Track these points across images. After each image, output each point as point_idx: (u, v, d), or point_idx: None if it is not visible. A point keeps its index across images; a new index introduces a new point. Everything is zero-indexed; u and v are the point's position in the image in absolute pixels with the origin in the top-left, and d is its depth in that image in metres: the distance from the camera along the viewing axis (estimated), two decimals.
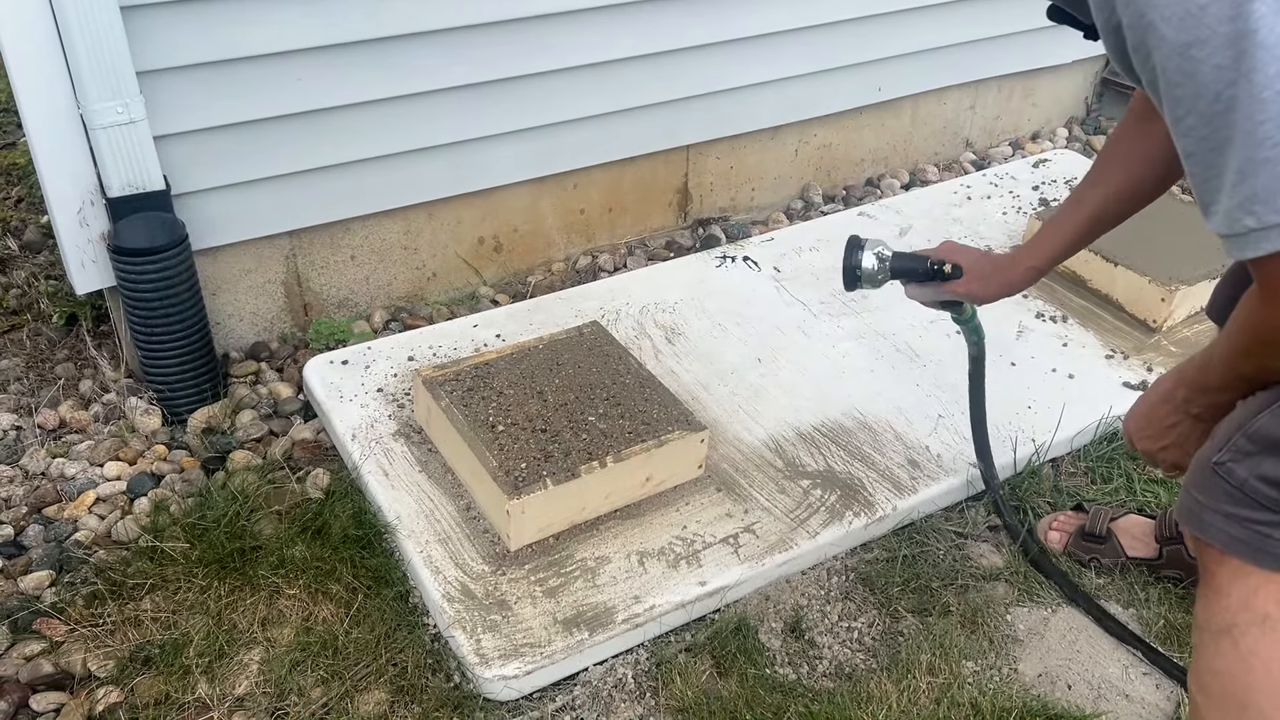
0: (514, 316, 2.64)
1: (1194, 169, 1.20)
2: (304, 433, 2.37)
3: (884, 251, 1.95)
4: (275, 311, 2.65)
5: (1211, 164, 1.15)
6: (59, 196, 2.19)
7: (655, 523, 2.08)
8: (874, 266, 1.94)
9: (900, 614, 2.02)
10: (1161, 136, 1.66)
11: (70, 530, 2.09)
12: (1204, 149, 1.16)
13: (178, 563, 1.97)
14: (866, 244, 1.95)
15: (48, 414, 2.35)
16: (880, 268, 1.94)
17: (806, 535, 2.08)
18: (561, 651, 1.83)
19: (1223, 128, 1.12)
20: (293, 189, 2.49)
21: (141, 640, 1.86)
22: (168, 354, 2.33)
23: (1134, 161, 1.71)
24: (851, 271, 1.96)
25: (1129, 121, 1.74)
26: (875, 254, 1.94)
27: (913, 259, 1.95)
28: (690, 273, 2.86)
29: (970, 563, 2.13)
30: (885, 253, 1.95)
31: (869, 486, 2.20)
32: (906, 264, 1.95)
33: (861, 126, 3.43)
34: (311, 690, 1.80)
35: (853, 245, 1.96)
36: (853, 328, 2.67)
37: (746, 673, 1.86)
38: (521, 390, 2.20)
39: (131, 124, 2.14)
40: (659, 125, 2.94)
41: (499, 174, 2.77)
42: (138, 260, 2.22)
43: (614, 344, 2.37)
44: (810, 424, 2.35)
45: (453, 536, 2.02)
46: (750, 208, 3.34)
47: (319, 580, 1.96)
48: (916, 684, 1.86)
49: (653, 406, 2.18)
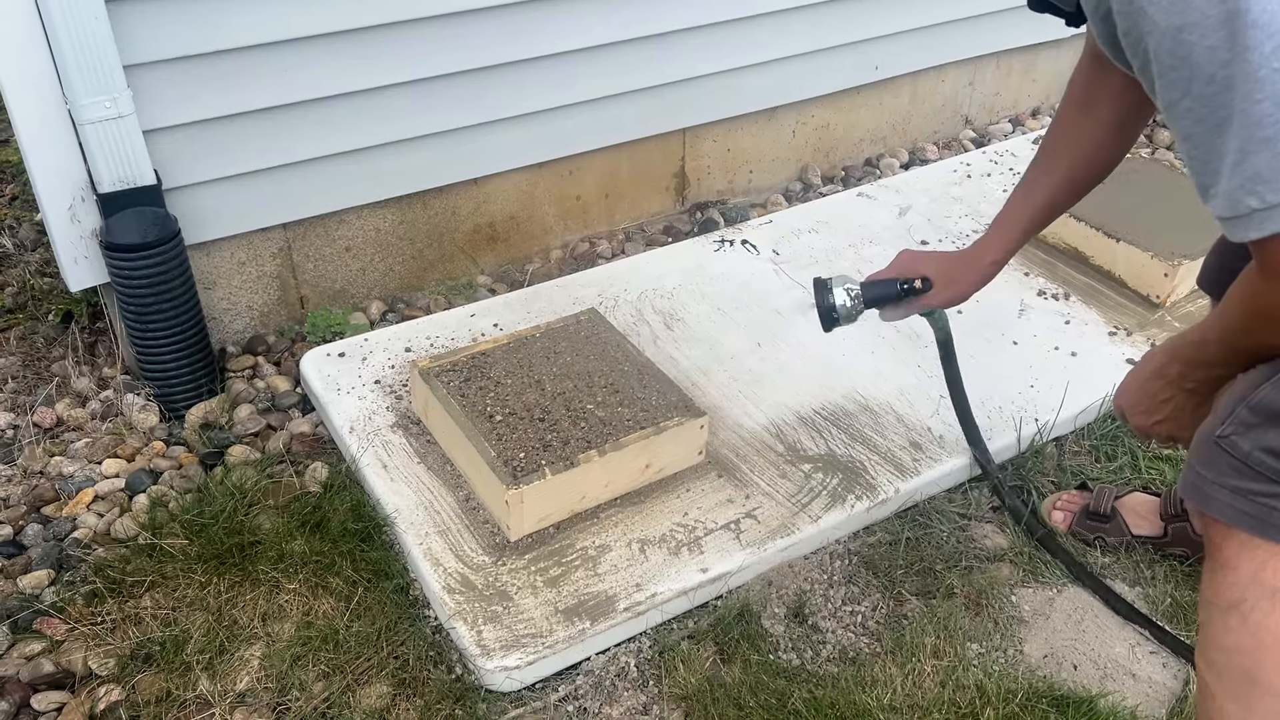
0: (511, 305, 2.63)
1: (1192, 151, 1.19)
2: (302, 426, 2.35)
3: (852, 287, 1.95)
4: (271, 305, 2.64)
5: (1210, 146, 1.15)
6: (49, 193, 2.18)
7: (656, 510, 2.07)
8: (847, 303, 1.94)
9: (904, 597, 2.01)
10: (1106, 121, 1.67)
11: (69, 529, 2.08)
12: (1202, 131, 1.15)
13: (177, 559, 1.96)
14: (833, 282, 1.95)
15: (44, 412, 2.34)
16: (854, 304, 1.95)
17: (808, 519, 2.06)
18: (563, 641, 1.82)
19: (1220, 109, 1.11)
20: (285, 181, 2.47)
21: (142, 638, 1.85)
22: (163, 350, 2.32)
23: (1079, 148, 1.72)
24: (828, 313, 1.95)
25: (1070, 110, 1.74)
26: (844, 290, 1.95)
27: (882, 285, 1.95)
28: (688, 257, 2.83)
29: (974, 544, 2.12)
30: (853, 288, 1.95)
31: (871, 469, 2.18)
32: (877, 291, 1.95)
33: (859, 106, 3.40)
34: (313, 684, 1.79)
35: (820, 287, 1.96)
36: None
37: (750, 659, 1.85)
38: (519, 379, 2.18)
39: (120, 118, 2.12)
40: (654, 109, 2.91)
41: (493, 162, 2.74)
42: (130, 256, 2.21)
43: (612, 331, 2.35)
44: (811, 407, 2.34)
45: (452, 528, 2.01)
46: (748, 190, 3.31)
47: (319, 574, 1.95)
48: (921, 667, 1.85)
49: (651, 393, 2.17)
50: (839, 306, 1.94)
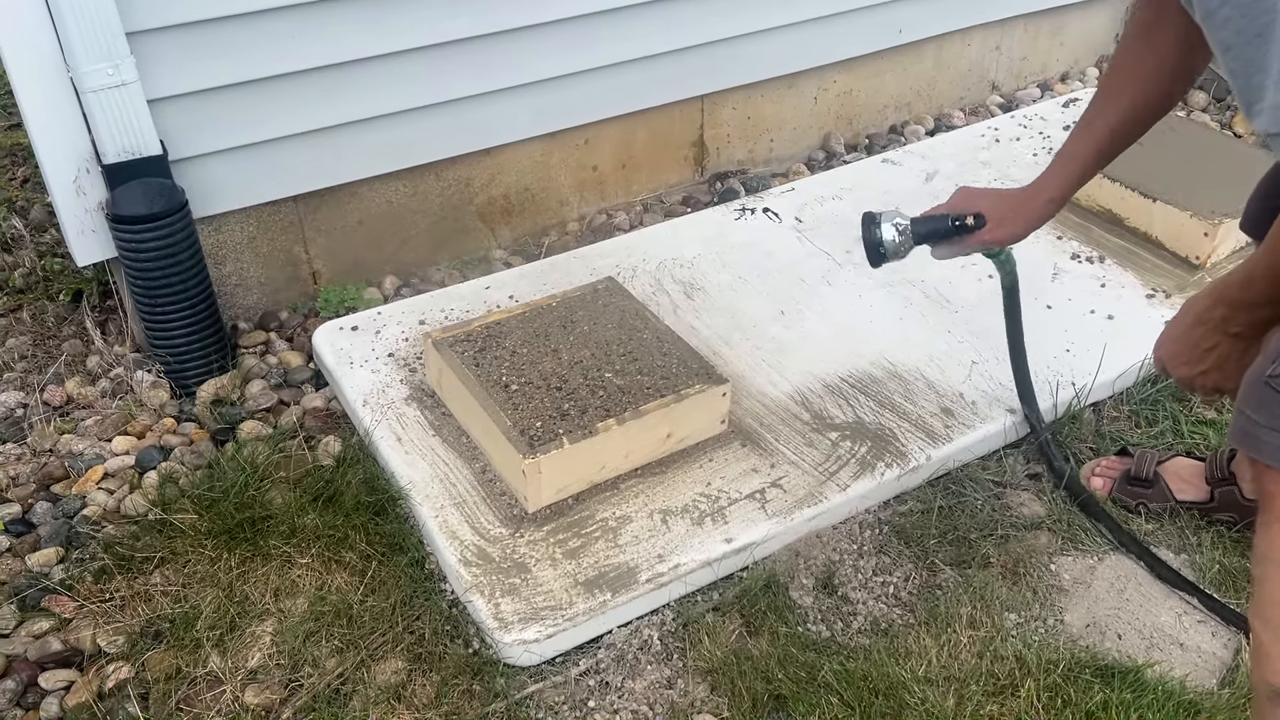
0: (527, 277, 2.56)
1: (1234, 65, 1.14)
2: (315, 401, 2.30)
3: (901, 221, 1.87)
4: (283, 280, 2.58)
5: (1252, 57, 1.10)
6: (54, 165, 2.13)
7: (678, 480, 2.00)
8: (895, 238, 1.86)
9: (938, 567, 1.93)
10: (1168, 48, 1.59)
11: (79, 506, 2.03)
12: (1241, 42, 1.10)
13: (187, 535, 1.91)
14: (882, 216, 1.88)
15: (54, 390, 2.30)
16: (902, 238, 1.87)
17: (836, 488, 1.99)
18: (584, 614, 1.75)
19: (1261, 14, 1.07)
20: (295, 152, 2.41)
21: (152, 615, 1.81)
22: (173, 325, 2.27)
23: (1141, 77, 1.63)
24: (874, 248, 1.88)
25: (1132, 38, 1.66)
26: (894, 225, 1.87)
27: (933, 220, 1.86)
28: (709, 226, 2.76)
29: (1010, 512, 2.04)
30: (903, 221, 1.87)
31: (901, 436, 2.10)
32: (928, 226, 1.86)
33: (883, 71, 3.30)
34: (326, 660, 1.73)
35: (869, 221, 1.88)
36: (880, 276, 2.54)
37: (778, 631, 1.78)
38: (535, 348, 2.12)
39: (123, 86, 2.07)
40: (671, 75, 2.83)
41: (506, 131, 2.68)
42: (137, 228, 2.16)
43: (630, 299, 2.28)
44: (838, 375, 2.26)
45: (469, 500, 1.95)
46: (769, 159, 3.23)
47: (332, 549, 1.90)
48: (957, 638, 1.78)
49: (672, 361, 2.10)
50: (886, 241, 1.86)
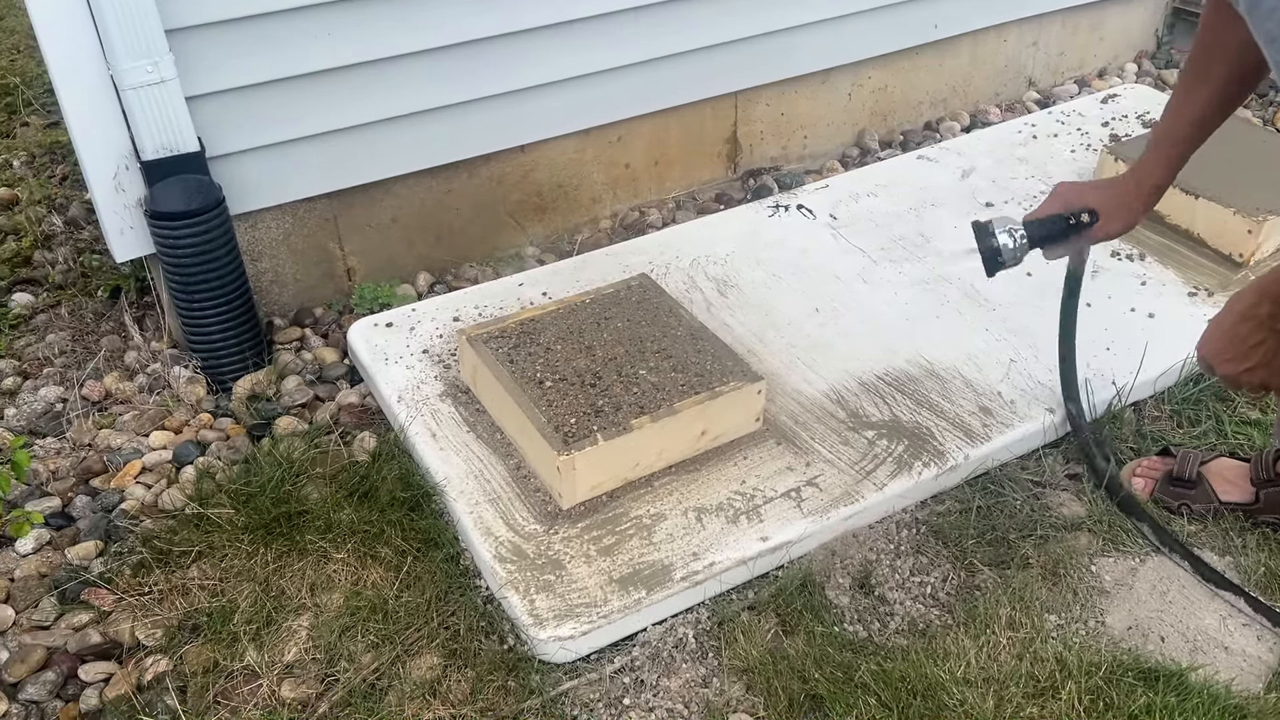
0: (560, 274, 2.56)
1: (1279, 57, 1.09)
2: (350, 397, 2.31)
3: (1015, 227, 1.84)
4: (318, 276, 2.60)
5: None
6: (94, 162, 2.15)
7: (712, 478, 1.99)
8: (1011, 244, 1.83)
9: (976, 567, 1.91)
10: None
11: (117, 500, 2.05)
12: None
13: (224, 530, 1.92)
14: (994, 224, 1.85)
15: (93, 386, 2.32)
16: (1019, 244, 1.83)
17: (873, 487, 1.97)
18: (619, 611, 1.75)
19: None
20: (329, 149, 2.42)
21: (189, 608, 1.82)
22: (210, 321, 2.28)
23: (1233, 44, 1.58)
24: (993, 258, 1.84)
25: (1216, 10, 1.62)
26: (1008, 231, 1.84)
27: (1049, 222, 1.83)
28: (742, 223, 2.74)
29: (1050, 512, 2.01)
30: (1017, 228, 1.84)
31: (939, 435, 2.08)
32: (1044, 229, 1.83)
33: (918, 67, 3.27)
34: (362, 655, 1.74)
35: (982, 231, 1.85)
36: (916, 274, 2.54)
37: (814, 631, 1.77)
38: (569, 345, 2.11)
39: (162, 83, 2.09)
40: (704, 71, 2.82)
41: (539, 128, 2.68)
42: (175, 224, 2.17)
43: (664, 296, 2.28)
44: (874, 373, 2.24)
45: (503, 496, 1.95)
46: (803, 156, 3.20)
47: (367, 544, 1.90)
48: (996, 639, 1.75)
49: (706, 358, 2.09)
50: (1004, 249, 1.82)
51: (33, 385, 2.35)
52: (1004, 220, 1.85)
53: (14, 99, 3.51)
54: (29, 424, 2.24)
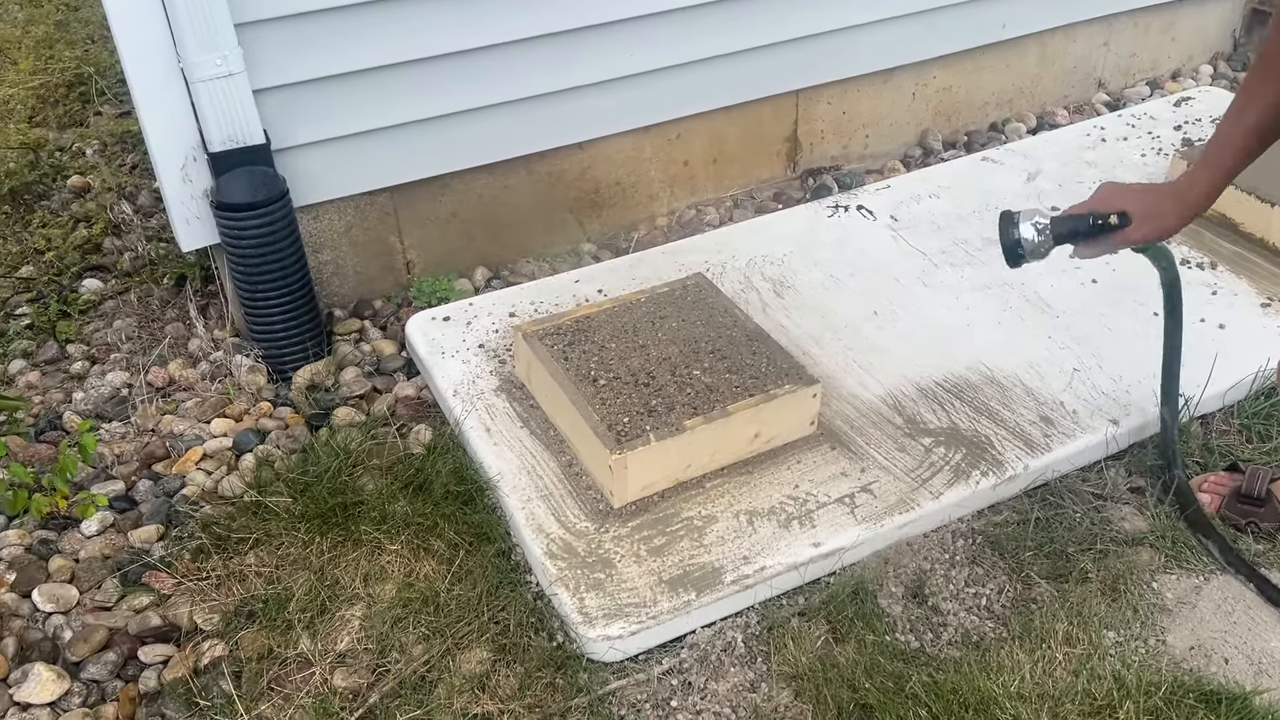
0: (616, 271, 2.56)
1: None
2: (407, 390, 2.33)
3: (1040, 221, 1.78)
4: (378, 269, 2.62)
5: None
6: (163, 153, 2.20)
7: (765, 481, 1.97)
8: (1035, 237, 1.77)
9: (1033, 580, 1.87)
10: None
11: (178, 486, 2.09)
12: None
13: (281, 518, 1.95)
14: (1021, 215, 1.79)
15: (157, 372, 2.37)
16: (1042, 238, 1.77)
17: (929, 495, 1.94)
18: (668, 612, 1.74)
19: None
20: (391, 144, 2.44)
21: (246, 595, 1.85)
22: (272, 311, 2.32)
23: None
24: (1013, 249, 1.79)
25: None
26: (1033, 224, 1.77)
27: (1074, 220, 1.77)
28: (800, 223, 2.72)
29: (1110, 526, 1.96)
30: (1042, 220, 1.78)
31: (997, 444, 2.04)
32: (1068, 225, 1.77)
33: (984, 67, 3.22)
34: (413, 647, 1.75)
35: (1006, 221, 1.80)
36: (978, 278, 2.50)
37: (865, 639, 1.75)
38: (623, 344, 2.11)
39: (230, 77, 2.12)
40: (766, 69, 2.80)
41: (598, 125, 2.67)
42: (240, 216, 2.21)
43: (719, 296, 2.26)
44: (932, 379, 2.20)
45: (555, 493, 1.96)
46: (864, 156, 3.17)
47: (420, 536, 1.92)
48: (1052, 654, 1.72)
49: (761, 360, 2.07)
50: (1025, 241, 1.77)
51: (100, 370, 2.41)
52: (1032, 212, 1.79)
53: (88, 88, 3.59)
54: (96, 408, 2.29)
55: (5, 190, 2.98)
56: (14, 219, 2.95)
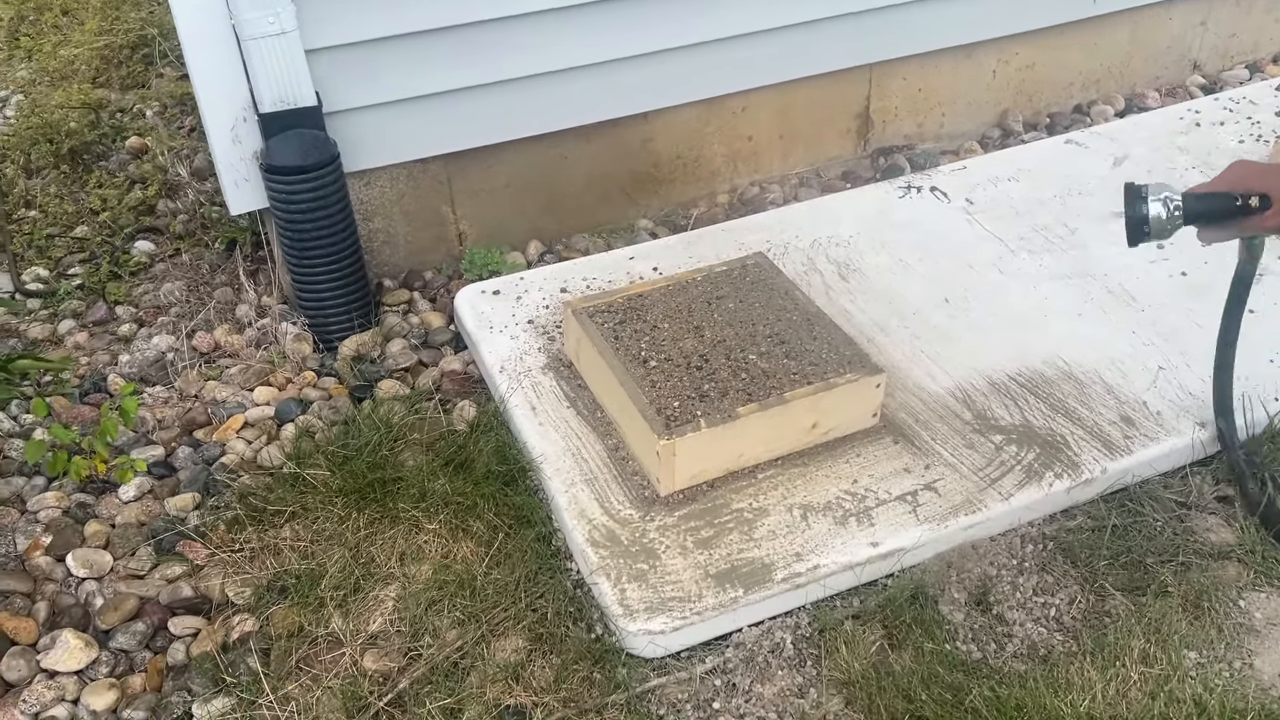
0: (672, 249, 2.46)
1: None
2: (453, 364, 2.26)
3: (1172, 197, 1.64)
4: (429, 239, 2.56)
5: None
6: (213, 112, 2.14)
7: (821, 475, 1.87)
8: (1163, 215, 1.63)
9: (1107, 591, 1.74)
10: None
11: (218, 453, 2.05)
12: None
13: (318, 491, 1.90)
14: (1149, 190, 1.66)
15: (203, 337, 2.33)
16: (1171, 215, 1.63)
17: (998, 496, 1.82)
18: (713, 609, 1.65)
19: None
20: (446, 109, 2.36)
21: (279, 569, 1.80)
22: (319, 279, 2.26)
23: None
24: (1138, 225, 1.65)
25: None
26: (1162, 200, 1.64)
27: (1213, 199, 1.63)
28: (868, 203, 2.59)
29: (1194, 537, 1.83)
30: (1174, 198, 1.64)
31: (1074, 444, 1.91)
32: (1206, 204, 1.63)
33: (1070, 45, 3.04)
34: (447, 631, 1.69)
35: (1134, 195, 1.66)
36: (1057, 267, 2.35)
37: (923, 647, 1.64)
38: (677, 324, 2.02)
39: (282, 35, 2.06)
40: (838, 41, 2.67)
41: (660, 95, 2.57)
42: (290, 179, 2.15)
43: (780, 277, 2.15)
44: (1005, 372, 2.07)
45: (599, 477, 1.87)
46: (939, 136, 3.02)
47: (459, 516, 1.85)
48: (1126, 673, 1.59)
49: (822, 346, 1.96)
50: (1153, 219, 1.64)
51: (147, 333, 2.38)
52: (1161, 187, 1.65)
53: (151, 50, 3.58)
54: (140, 371, 2.26)
55: (65, 150, 2.97)
56: (72, 179, 2.94)
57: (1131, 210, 1.65)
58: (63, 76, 3.47)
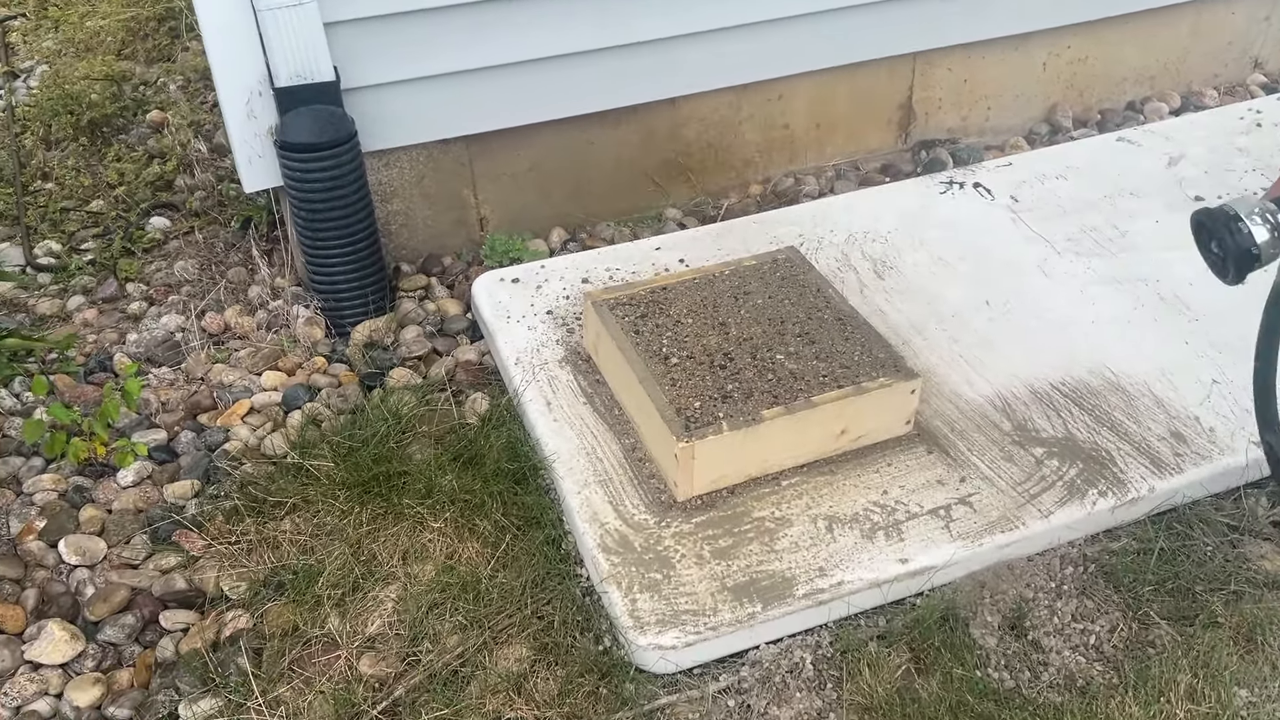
0: (700, 240, 2.35)
1: None
2: (468, 354, 2.18)
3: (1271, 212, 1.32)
4: (449, 223, 2.47)
5: None
6: (228, 86, 2.07)
7: (849, 484, 1.77)
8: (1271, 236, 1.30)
9: (1151, 620, 1.63)
10: None
11: (221, 439, 1.98)
12: None
13: (321, 483, 1.82)
14: (1239, 209, 1.31)
15: (213, 318, 2.26)
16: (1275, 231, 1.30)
17: (1037, 514, 1.71)
18: (729, 624, 1.55)
19: None
20: (470, 88, 2.27)
21: (277, 563, 1.72)
22: (333, 261, 2.19)
23: None
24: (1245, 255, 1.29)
25: None
26: (1264, 217, 1.30)
27: None
28: (908, 198, 2.47)
29: (1247, 565, 1.71)
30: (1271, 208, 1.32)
31: (1119, 461, 1.79)
32: None
33: (1126, 38, 2.90)
34: (448, 637, 1.60)
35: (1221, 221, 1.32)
36: (1106, 270, 2.23)
37: (952, 672, 1.54)
38: (701, 320, 1.92)
39: (299, 5, 1.98)
40: (881, 27, 2.55)
41: (693, 80, 2.46)
42: (304, 156, 2.07)
43: (813, 273, 2.05)
44: (1049, 381, 1.96)
45: (614, 479, 1.78)
46: (984, 130, 2.89)
47: (466, 515, 1.77)
48: (1171, 710, 1.49)
49: (854, 347, 1.86)
50: (1262, 244, 1.29)
51: (157, 312, 2.31)
52: (1247, 203, 1.33)
53: (178, 23, 3.51)
54: (147, 351, 2.19)
55: (85, 122, 2.91)
56: (91, 152, 2.88)
57: (1230, 240, 1.33)
58: (88, 48, 3.42)
